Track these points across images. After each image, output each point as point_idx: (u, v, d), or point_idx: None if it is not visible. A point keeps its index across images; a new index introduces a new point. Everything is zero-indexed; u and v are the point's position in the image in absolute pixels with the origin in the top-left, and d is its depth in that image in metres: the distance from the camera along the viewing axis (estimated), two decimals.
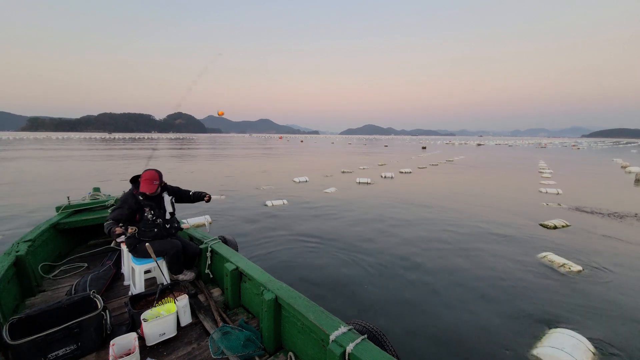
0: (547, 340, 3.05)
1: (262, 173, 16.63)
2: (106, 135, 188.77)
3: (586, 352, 2.89)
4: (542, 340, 3.09)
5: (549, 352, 2.84)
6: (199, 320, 2.60)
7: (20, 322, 2.09)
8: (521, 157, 31.69)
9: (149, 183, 2.86)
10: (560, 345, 2.89)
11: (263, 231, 6.61)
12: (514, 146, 69.44)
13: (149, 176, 2.89)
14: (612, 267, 4.88)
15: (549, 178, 15.00)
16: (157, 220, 2.95)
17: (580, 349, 2.88)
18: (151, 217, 2.92)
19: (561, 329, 3.23)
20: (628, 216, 7.98)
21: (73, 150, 34.89)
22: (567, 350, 2.80)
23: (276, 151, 39.55)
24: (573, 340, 2.98)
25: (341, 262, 5.02)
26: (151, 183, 2.87)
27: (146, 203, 2.91)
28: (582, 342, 2.99)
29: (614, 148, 61.52)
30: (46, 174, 15.47)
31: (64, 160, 22.74)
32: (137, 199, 2.88)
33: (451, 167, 21.30)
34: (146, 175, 2.89)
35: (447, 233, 6.56)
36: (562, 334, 3.11)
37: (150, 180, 2.88)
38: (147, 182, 2.86)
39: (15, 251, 2.86)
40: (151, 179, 2.88)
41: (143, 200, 2.89)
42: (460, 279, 4.51)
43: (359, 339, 1.68)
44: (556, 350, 2.83)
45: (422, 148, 54.60)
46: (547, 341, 3.03)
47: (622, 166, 21.56)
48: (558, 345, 2.89)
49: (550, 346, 2.91)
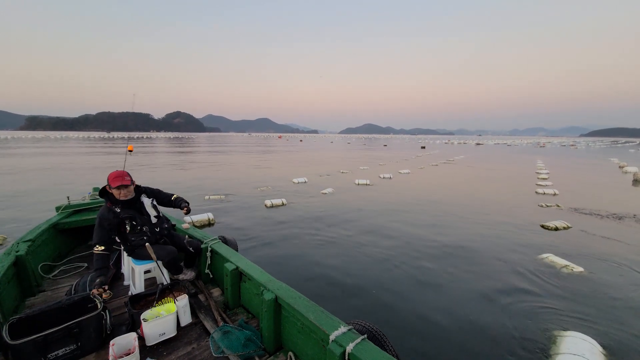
0: (564, 346, 2.97)
1: (261, 173, 16.61)
2: (105, 134, 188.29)
3: (600, 355, 2.86)
4: (558, 345, 3.01)
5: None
6: (199, 320, 2.60)
7: (20, 322, 2.09)
8: (520, 157, 31.73)
9: (119, 180, 2.58)
10: (579, 351, 2.84)
11: (263, 231, 6.61)
12: (513, 146, 69.53)
13: (116, 174, 2.63)
14: (614, 269, 4.90)
15: (547, 179, 15.04)
16: (143, 228, 2.76)
17: (595, 354, 2.85)
18: (134, 228, 2.70)
19: (572, 332, 3.18)
20: (627, 217, 8.00)
21: (72, 149, 34.78)
22: (587, 357, 2.76)
23: (275, 151, 39.51)
24: (587, 344, 2.95)
25: (342, 263, 5.02)
26: (122, 179, 2.60)
27: (125, 214, 2.65)
28: (595, 345, 2.97)
29: (612, 147, 61.68)
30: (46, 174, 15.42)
31: (65, 159, 22.68)
32: (115, 212, 2.62)
33: (450, 167, 21.32)
34: (113, 174, 2.63)
35: (446, 233, 6.58)
36: (574, 338, 3.05)
37: (121, 177, 2.60)
38: (117, 179, 2.58)
39: (15, 251, 2.86)
40: (121, 175, 2.62)
41: (121, 212, 2.64)
42: (460, 278, 4.52)
43: (359, 339, 1.68)
44: (577, 357, 2.77)
45: (421, 147, 54.63)
46: (564, 347, 2.95)
47: (619, 166, 21.62)
48: (577, 352, 2.83)
49: (570, 353, 2.84)
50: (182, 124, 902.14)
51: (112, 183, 2.60)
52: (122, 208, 2.67)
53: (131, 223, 2.69)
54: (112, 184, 2.60)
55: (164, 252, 2.82)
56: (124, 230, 2.70)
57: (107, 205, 2.67)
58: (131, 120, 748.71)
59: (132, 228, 2.70)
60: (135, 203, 2.79)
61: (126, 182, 2.62)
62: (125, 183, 2.61)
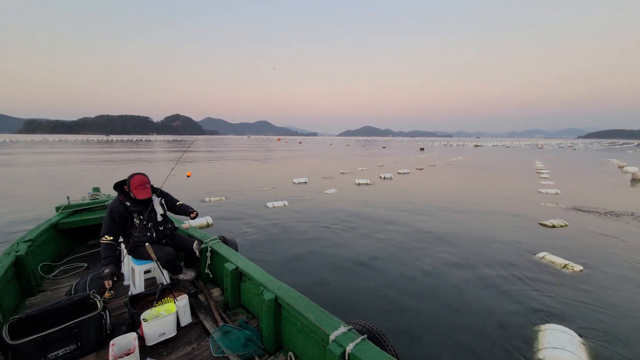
0: (545, 340, 3.05)
1: (262, 175, 16.63)
2: (103, 137, 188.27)
3: (580, 346, 2.96)
4: (539, 340, 3.09)
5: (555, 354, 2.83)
6: (199, 320, 2.60)
7: (20, 322, 2.08)
8: (519, 158, 31.83)
9: (142, 188, 2.75)
10: (560, 344, 2.91)
11: (263, 232, 6.61)
12: (511, 147, 69.77)
13: (140, 181, 2.76)
14: (612, 266, 4.92)
15: (548, 178, 15.10)
16: (149, 224, 2.86)
17: (575, 344, 2.94)
18: (141, 223, 2.80)
19: (552, 325, 3.27)
20: (625, 215, 8.05)
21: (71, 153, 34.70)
22: (568, 349, 2.83)
23: (275, 153, 39.55)
24: (567, 336, 3.04)
25: (342, 262, 5.03)
26: (144, 188, 2.77)
27: (134, 209, 2.78)
28: (574, 336, 3.07)
29: (610, 149, 61.99)
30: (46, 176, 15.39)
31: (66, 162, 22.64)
32: (125, 205, 2.75)
33: (449, 168, 21.37)
34: (136, 180, 2.76)
35: (445, 234, 6.58)
36: (554, 331, 3.14)
37: (143, 185, 2.77)
38: (140, 188, 2.75)
39: (15, 251, 2.86)
40: (143, 184, 2.77)
41: (131, 206, 2.77)
42: (459, 279, 4.52)
43: (359, 339, 1.68)
44: (559, 350, 2.84)
45: (420, 149, 54.76)
46: (545, 341, 3.03)
47: (619, 166, 21.73)
48: (558, 345, 2.90)
49: (552, 347, 2.91)
50: (181, 126, 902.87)
51: (135, 192, 2.75)
52: (133, 203, 2.80)
53: (139, 217, 2.80)
54: (136, 193, 2.75)
55: (163, 253, 2.84)
56: (130, 226, 2.80)
57: (119, 198, 2.80)
58: (130, 123, 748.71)
59: (139, 222, 2.80)
60: (146, 200, 2.89)
61: (148, 194, 2.79)
62: (148, 196, 2.79)
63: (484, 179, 15.59)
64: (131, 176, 2.80)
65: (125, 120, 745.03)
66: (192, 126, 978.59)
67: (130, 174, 2.83)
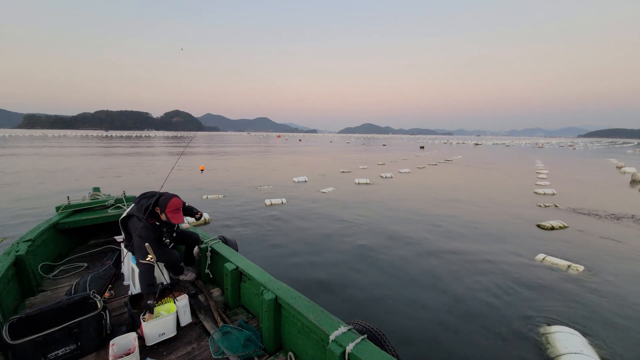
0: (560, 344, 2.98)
1: (261, 172, 16.61)
2: (103, 132, 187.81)
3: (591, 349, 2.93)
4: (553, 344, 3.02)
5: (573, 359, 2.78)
6: (199, 320, 2.60)
7: (20, 321, 2.08)
8: (519, 157, 31.82)
9: (177, 212, 2.65)
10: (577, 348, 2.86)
11: (263, 230, 6.62)
12: (511, 146, 69.72)
13: (177, 205, 2.65)
14: (611, 268, 4.93)
15: (545, 179, 15.11)
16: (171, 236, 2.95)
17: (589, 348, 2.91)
18: (169, 242, 2.88)
19: (558, 327, 3.24)
20: (625, 217, 8.05)
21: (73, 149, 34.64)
22: (586, 352, 2.80)
23: (275, 150, 39.48)
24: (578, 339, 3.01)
25: (342, 262, 5.04)
26: (179, 212, 2.67)
27: (163, 227, 2.79)
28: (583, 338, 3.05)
29: (610, 148, 61.95)
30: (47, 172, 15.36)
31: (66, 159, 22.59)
32: (155, 226, 2.71)
33: (449, 167, 21.37)
34: (174, 204, 2.63)
35: (444, 234, 6.60)
36: (563, 333, 3.10)
37: (179, 209, 2.67)
38: (176, 212, 2.64)
39: (15, 251, 2.85)
40: (178, 208, 2.67)
41: (159, 227, 2.76)
42: (458, 278, 4.54)
43: (359, 339, 1.69)
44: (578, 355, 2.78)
45: (420, 147, 54.72)
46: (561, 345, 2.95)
47: (617, 166, 21.71)
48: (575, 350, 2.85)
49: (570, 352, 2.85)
50: (180, 122, 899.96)
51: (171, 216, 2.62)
52: (161, 224, 2.79)
53: (169, 236, 2.89)
54: (171, 217, 2.62)
55: (170, 256, 2.89)
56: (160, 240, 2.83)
57: (149, 221, 2.65)
58: (129, 119, 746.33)
59: (169, 242, 2.90)
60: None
61: (182, 219, 2.72)
62: (182, 221, 2.73)
63: (483, 180, 15.60)
64: (166, 198, 2.64)
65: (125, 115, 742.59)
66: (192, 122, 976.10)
67: (164, 196, 2.66)
